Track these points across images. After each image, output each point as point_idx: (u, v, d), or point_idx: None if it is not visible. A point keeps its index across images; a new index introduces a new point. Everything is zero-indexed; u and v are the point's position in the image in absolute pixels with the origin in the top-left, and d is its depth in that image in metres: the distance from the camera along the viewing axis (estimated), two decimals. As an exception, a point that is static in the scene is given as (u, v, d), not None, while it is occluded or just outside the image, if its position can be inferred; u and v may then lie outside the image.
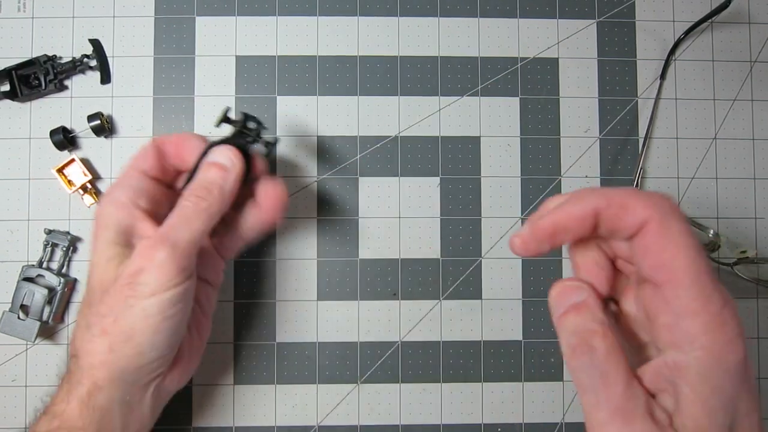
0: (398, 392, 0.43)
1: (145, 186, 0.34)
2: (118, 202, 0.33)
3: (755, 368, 0.44)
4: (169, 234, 0.31)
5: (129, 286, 0.30)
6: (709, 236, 0.43)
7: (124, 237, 0.33)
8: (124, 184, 0.34)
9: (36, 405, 0.41)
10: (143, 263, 0.30)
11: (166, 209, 0.34)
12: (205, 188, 0.33)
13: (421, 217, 0.44)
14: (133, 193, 0.33)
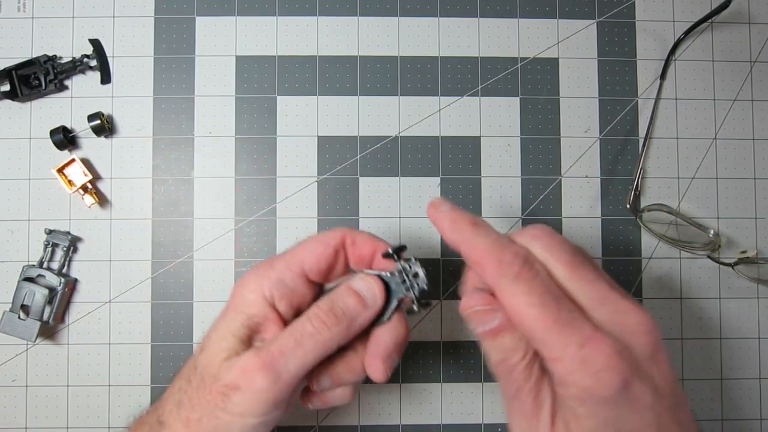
0: (398, 392, 0.43)
1: (296, 287, 0.32)
2: (260, 294, 0.31)
3: (756, 368, 0.44)
4: (278, 362, 0.29)
5: (222, 397, 0.29)
6: (709, 236, 0.43)
7: (247, 332, 0.31)
8: (280, 277, 0.31)
9: (37, 404, 0.41)
10: (242, 382, 0.29)
11: (302, 304, 0.32)
12: (336, 316, 0.30)
13: (421, 217, 0.44)
14: (279, 293, 0.31)
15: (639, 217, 0.43)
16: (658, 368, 0.26)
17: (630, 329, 0.26)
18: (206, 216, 0.43)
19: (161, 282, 0.43)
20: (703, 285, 0.44)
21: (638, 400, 0.25)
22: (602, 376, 0.24)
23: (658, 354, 0.26)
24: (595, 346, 0.24)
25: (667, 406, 0.26)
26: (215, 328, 0.31)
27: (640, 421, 0.25)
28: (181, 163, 0.44)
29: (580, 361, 0.24)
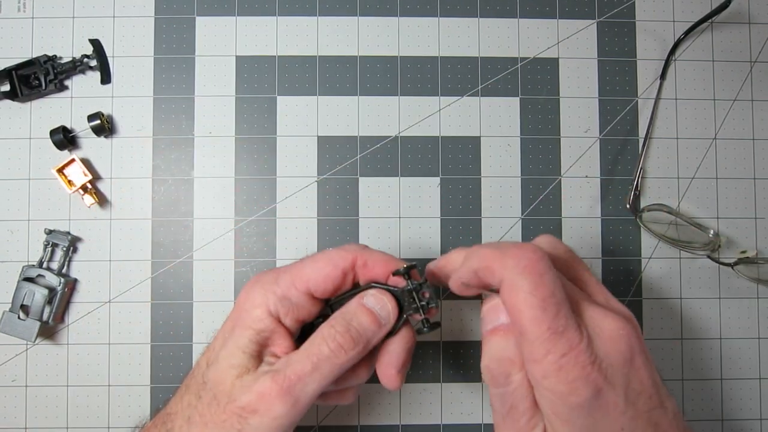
0: (399, 392, 0.43)
1: (302, 304, 0.32)
2: (267, 310, 0.31)
3: (756, 368, 0.44)
4: (296, 388, 0.29)
5: (238, 419, 0.29)
6: (709, 236, 0.43)
7: (257, 347, 0.31)
8: (286, 294, 0.31)
9: (36, 404, 0.41)
10: (260, 407, 0.29)
11: (307, 318, 0.32)
12: (353, 338, 0.30)
13: (421, 217, 0.44)
14: (285, 309, 0.31)
15: (639, 217, 0.43)
16: (635, 373, 0.27)
17: (607, 335, 0.27)
18: (206, 216, 0.43)
19: (161, 282, 0.43)
20: (703, 285, 0.44)
21: (610, 406, 0.26)
22: (576, 385, 0.25)
23: (635, 359, 0.27)
24: (574, 357, 0.25)
25: (643, 410, 0.27)
26: (223, 344, 0.31)
27: (611, 425, 0.26)
28: (181, 163, 0.44)
29: (557, 369, 0.26)
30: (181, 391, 0.32)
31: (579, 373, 0.25)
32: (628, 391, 0.26)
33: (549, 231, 0.44)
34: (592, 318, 0.27)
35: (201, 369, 0.32)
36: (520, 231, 0.44)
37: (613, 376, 0.26)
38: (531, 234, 0.44)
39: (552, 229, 0.44)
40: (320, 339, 0.30)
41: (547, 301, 0.26)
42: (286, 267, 0.33)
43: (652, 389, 0.27)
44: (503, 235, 0.44)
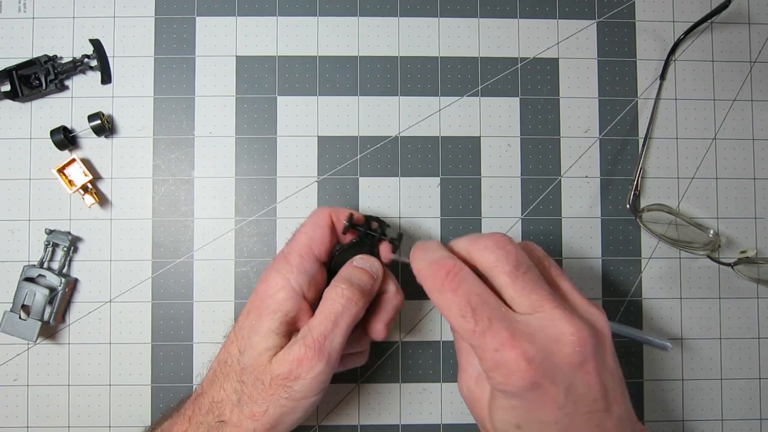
0: (398, 392, 0.43)
1: (315, 273, 0.35)
2: (291, 289, 0.34)
3: (756, 368, 0.44)
4: (325, 345, 0.33)
5: (284, 388, 0.33)
6: (709, 236, 0.43)
7: (287, 327, 0.34)
8: (301, 268, 0.35)
9: (38, 404, 0.41)
10: (301, 372, 0.33)
11: (321, 286, 0.36)
12: (358, 290, 0.34)
13: (421, 217, 0.44)
14: (306, 283, 0.35)
15: (639, 217, 0.43)
16: (582, 376, 0.29)
17: (556, 338, 0.29)
18: (206, 216, 0.43)
19: (161, 282, 0.43)
20: (703, 285, 0.44)
21: (549, 400, 0.28)
22: (511, 378, 0.28)
23: (585, 364, 0.29)
24: (506, 351, 0.28)
25: (584, 411, 0.29)
26: (253, 331, 0.34)
27: (547, 416, 0.29)
28: (181, 163, 0.44)
29: (496, 363, 0.29)
30: (219, 381, 0.35)
31: (514, 367, 0.28)
32: (570, 390, 0.29)
33: (549, 231, 0.44)
34: (547, 319, 0.29)
35: (234, 357, 0.34)
36: (520, 231, 0.44)
37: (555, 374, 0.28)
38: (531, 234, 0.44)
39: (552, 228, 0.44)
40: (331, 300, 0.34)
41: (463, 309, 0.30)
42: (285, 248, 0.36)
43: (599, 393, 0.29)
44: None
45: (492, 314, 0.29)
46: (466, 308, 0.30)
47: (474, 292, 0.30)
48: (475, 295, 0.30)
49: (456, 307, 0.30)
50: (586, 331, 0.29)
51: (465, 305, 0.30)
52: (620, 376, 0.31)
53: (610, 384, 0.30)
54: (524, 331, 0.29)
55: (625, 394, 0.31)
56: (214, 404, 0.34)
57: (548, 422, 0.29)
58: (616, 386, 0.30)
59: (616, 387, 0.30)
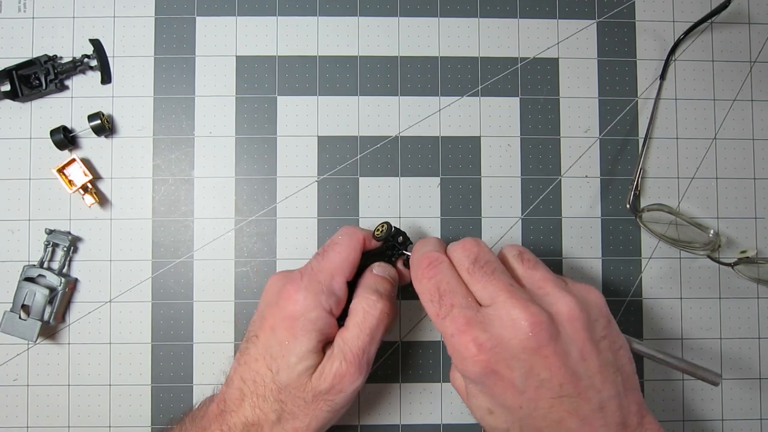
0: (398, 392, 0.43)
1: (343, 293, 0.36)
2: (322, 309, 0.34)
3: (756, 368, 0.44)
4: (363, 359, 0.34)
5: (326, 402, 0.34)
6: (709, 236, 0.43)
7: (321, 345, 0.35)
8: (331, 289, 0.35)
9: (38, 404, 0.41)
10: (343, 387, 0.34)
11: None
12: (389, 300, 0.36)
13: (421, 217, 0.44)
14: (335, 303, 0.35)
15: (639, 217, 0.43)
16: (543, 362, 0.30)
17: (510, 325, 0.30)
18: (206, 216, 0.43)
19: (161, 282, 0.43)
20: (703, 285, 0.44)
21: (505, 384, 0.30)
22: (465, 363, 0.30)
23: (542, 349, 0.30)
24: (460, 337, 0.30)
25: (548, 396, 0.30)
26: (288, 351, 0.34)
27: (510, 401, 0.30)
28: (181, 163, 0.44)
29: (452, 348, 0.31)
30: (249, 401, 0.34)
31: (465, 352, 0.30)
32: (529, 375, 0.30)
33: (549, 231, 0.44)
34: (502, 308, 0.31)
35: (265, 376, 0.34)
36: (520, 231, 0.44)
37: (510, 360, 0.30)
38: (531, 234, 0.44)
39: (552, 228, 0.44)
40: (364, 312, 0.35)
41: (432, 294, 0.33)
42: (314, 265, 0.36)
43: (566, 378, 0.30)
44: (503, 235, 0.44)
45: (456, 302, 0.32)
46: (434, 293, 0.32)
47: (445, 281, 0.33)
48: (446, 283, 0.32)
49: (427, 292, 0.33)
50: (543, 316, 0.30)
51: (434, 291, 0.32)
52: (612, 362, 0.31)
53: (583, 369, 0.30)
54: (479, 320, 0.31)
55: (617, 382, 0.31)
56: (249, 426, 0.34)
57: (513, 407, 0.30)
58: (598, 373, 0.30)
59: (598, 373, 0.30)
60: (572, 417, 0.30)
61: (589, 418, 0.30)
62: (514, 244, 0.37)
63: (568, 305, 0.31)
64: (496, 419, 0.31)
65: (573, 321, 0.31)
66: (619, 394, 0.31)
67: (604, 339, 0.32)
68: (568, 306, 0.31)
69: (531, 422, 0.30)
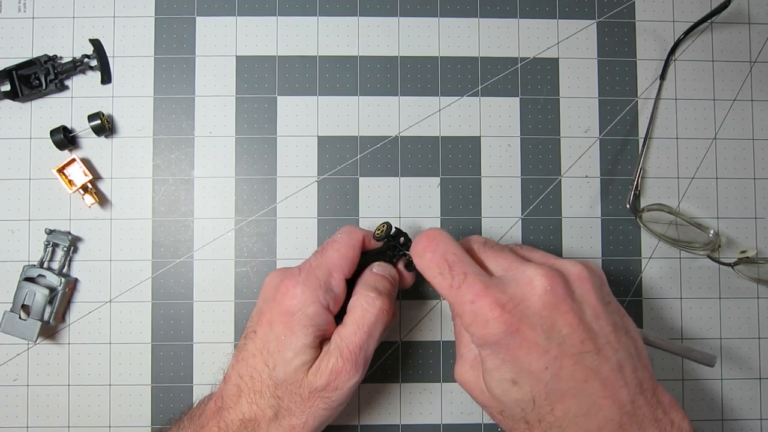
0: (398, 392, 0.43)
1: (340, 290, 0.35)
2: (320, 305, 0.34)
3: (756, 369, 0.44)
4: (360, 356, 0.34)
5: (322, 399, 0.33)
6: (709, 236, 0.43)
7: (318, 341, 0.34)
8: (329, 285, 0.35)
9: (38, 404, 0.41)
10: (339, 383, 0.33)
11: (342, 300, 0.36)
12: (388, 299, 0.35)
13: (421, 217, 0.44)
14: (333, 300, 0.35)
15: (639, 217, 0.43)
16: (562, 317, 0.30)
17: (527, 283, 0.30)
18: (206, 216, 0.43)
19: (161, 282, 0.43)
20: (703, 285, 0.44)
21: (529, 344, 0.29)
22: (488, 325, 0.30)
23: (560, 305, 0.30)
24: (481, 300, 0.30)
25: (571, 353, 0.29)
26: (284, 346, 0.34)
27: (535, 362, 0.29)
28: (181, 163, 0.44)
29: (473, 315, 0.30)
30: (247, 397, 0.34)
31: (488, 314, 0.30)
32: (551, 332, 0.30)
33: (549, 230, 0.44)
34: (513, 270, 0.31)
35: (262, 372, 0.34)
36: (520, 231, 0.44)
37: (531, 318, 0.30)
38: (531, 234, 0.44)
39: (552, 228, 0.44)
40: (362, 309, 0.34)
41: (441, 266, 0.32)
42: (313, 262, 0.35)
43: (584, 335, 0.30)
44: (503, 235, 0.44)
45: (467, 269, 0.31)
46: (443, 265, 0.32)
47: (450, 251, 0.32)
48: (452, 254, 0.32)
49: (435, 265, 0.32)
50: (557, 273, 0.31)
51: (442, 262, 0.32)
52: (621, 325, 0.32)
53: (598, 327, 0.30)
54: (497, 283, 0.31)
55: (628, 345, 0.31)
56: (246, 422, 0.34)
57: (538, 369, 0.29)
58: (612, 332, 0.31)
59: (612, 333, 0.31)
60: (595, 376, 0.29)
61: (610, 378, 0.30)
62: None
63: (577, 267, 0.32)
64: (520, 390, 0.30)
65: (583, 281, 0.31)
66: (632, 356, 0.31)
67: (610, 304, 0.32)
68: (577, 268, 0.32)
69: (556, 385, 0.29)
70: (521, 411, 0.30)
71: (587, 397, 0.29)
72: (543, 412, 0.30)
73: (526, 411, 0.30)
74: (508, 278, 0.31)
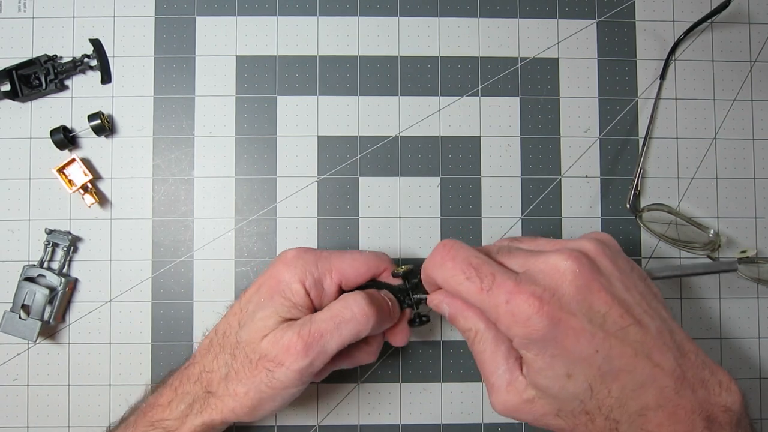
0: (398, 392, 0.43)
1: (332, 293, 0.36)
2: (303, 285, 0.34)
3: (756, 368, 0.44)
4: (318, 342, 0.33)
5: (266, 372, 0.33)
6: (709, 236, 0.43)
7: (290, 314, 0.34)
8: (320, 279, 0.35)
9: (38, 404, 0.41)
10: (285, 360, 0.33)
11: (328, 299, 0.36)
12: (376, 310, 0.34)
13: (421, 217, 0.44)
14: (316, 291, 0.35)
15: (639, 217, 0.43)
16: (595, 297, 0.29)
17: (554, 270, 0.29)
18: (206, 216, 0.43)
19: (161, 282, 0.43)
20: (703, 285, 0.44)
21: (576, 331, 0.28)
22: (531, 322, 0.28)
23: (591, 284, 0.29)
24: (516, 298, 0.29)
25: (614, 330, 0.29)
26: (258, 307, 0.34)
27: (585, 349, 0.28)
28: (181, 163, 0.44)
29: (512, 316, 0.29)
30: (213, 351, 0.35)
31: (528, 310, 0.28)
32: (591, 314, 0.29)
33: (549, 231, 0.44)
34: (539, 263, 0.30)
35: (233, 329, 0.35)
36: (520, 231, 0.44)
37: (570, 305, 0.29)
38: (531, 234, 0.44)
39: (552, 228, 0.44)
40: (344, 303, 0.34)
41: (466, 271, 0.30)
42: (326, 253, 0.36)
43: (620, 309, 0.29)
44: (503, 235, 0.44)
45: (494, 270, 0.30)
46: (469, 269, 0.31)
47: (472, 255, 0.31)
48: (474, 257, 0.31)
49: (459, 271, 0.31)
50: (579, 254, 0.30)
51: (467, 267, 0.31)
52: (647, 291, 0.31)
53: (630, 298, 0.30)
54: (526, 278, 0.30)
55: (659, 308, 0.31)
56: (204, 373, 0.35)
57: (590, 354, 0.29)
58: (643, 300, 0.30)
59: (643, 301, 0.30)
60: (642, 348, 0.29)
61: (655, 346, 0.29)
62: None
63: (592, 243, 0.31)
64: (576, 381, 0.29)
65: (603, 256, 0.31)
66: (665, 319, 0.31)
67: (632, 270, 0.32)
68: (592, 244, 0.31)
69: (609, 366, 0.29)
70: (580, 403, 0.29)
71: (640, 370, 0.29)
72: (601, 396, 0.29)
73: (585, 401, 0.29)
74: (534, 271, 0.30)
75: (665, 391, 0.29)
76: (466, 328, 0.33)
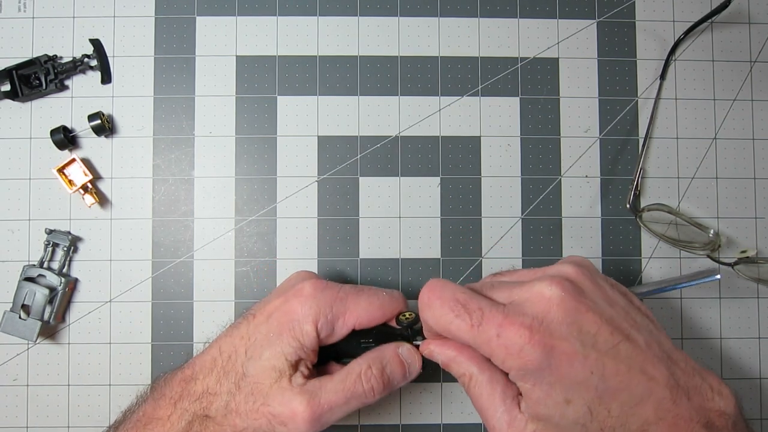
0: (398, 392, 0.43)
1: (341, 334, 0.35)
2: (315, 328, 0.34)
3: (756, 368, 0.44)
4: (325, 415, 0.33)
5: (267, 423, 0.33)
6: (709, 236, 0.43)
7: (297, 358, 0.34)
8: (332, 322, 0.34)
9: (38, 404, 0.41)
10: (289, 423, 0.32)
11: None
12: (384, 384, 0.34)
13: (421, 217, 0.44)
14: (327, 334, 0.34)
15: (639, 217, 0.43)
16: (585, 318, 0.29)
17: (540, 300, 0.30)
18: (206, 216, 0.43)
19: (161, 282, 0.43)
20: (703, 285, 0.44)
21: (569, 356, 0.29)
22: (524, 353, 0.29)
23: (579, 306, 0.30)
24: (507, 330, 0.29)
25: (605, 349, 0.29)
26: (267, 343, 0.34)
27: (580, 373, 0.29)
28: (181, 163, 0.44)
29: (505, 349, 0.29)
30: (217, 373, 0.34)
31: (519, 341, 0.29)
32: (582, 336, 0.29)
33: (549, 231, 0.44)
34: (518, 293, 0.31)
35: (239, 356, 0.34)
36: (520, 231, 0.44)
37: (560, 329, 0.29)
38: (531, 234, 0.44)
39: (552, 228, 0.44)
40: (356, 377, 0.34)
41: (454, 308, 0.31)
42: (342, 294, 0.35)
43: (609, 327, 0.30)
44: (503, 235, 0.44)
45: (481, 304, 0.31)
46: (456, 306, 0.31)
47: (459, 291, 0.32)
48: (460, 293, 0.31)
49: (448, 309, 0.31)
50: (561, 278, 0.30)
51: (455, 304, 0.31)
52: (629, 305, 0.32)
53: (616, 315, 0.30)
54: (513, 311, 0.30)
55: (644, 321, 0.31)
56: (207, 394, 0.34)
57: (585, 377, 0.29)
58: (627, 315, 0.31)
59: (628, 315, 0.31)
60: (634, 363, 0.29)
61: (646, 359, 0.30)
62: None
63: (569, 266, 0.32)
64: (576, 406, 0.29)
65: (582, 278, 0.31)
66: (651, 331, 0.31)
67: (613, 287, 0.32)
68: (570, 267, 0.32)
69: (605, 385, 0.29)
70: (582, 428, 0.29)
71: (635, 385, 0.29)
72: (601, 418, 0.29)
73: (587, 425, 0.29)
74: (520, 301, 0.30)
75: (663, 402, 0.29)
76: (460, 374, 0.33)
